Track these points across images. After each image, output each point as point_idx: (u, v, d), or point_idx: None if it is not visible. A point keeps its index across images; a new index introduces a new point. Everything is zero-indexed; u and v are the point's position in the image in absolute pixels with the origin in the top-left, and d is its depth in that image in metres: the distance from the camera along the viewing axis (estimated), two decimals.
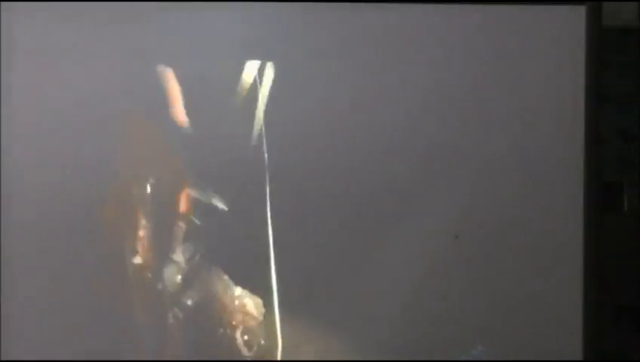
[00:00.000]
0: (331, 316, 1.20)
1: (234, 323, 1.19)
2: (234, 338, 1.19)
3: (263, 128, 1.19)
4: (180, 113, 1.18)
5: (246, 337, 1.19)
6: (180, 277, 1.19)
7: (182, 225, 1.19)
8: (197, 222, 1.19)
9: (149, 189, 1.18)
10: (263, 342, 1.19)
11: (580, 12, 1.22)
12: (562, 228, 1.21)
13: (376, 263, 1.20)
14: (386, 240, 1.20)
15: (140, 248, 1.18)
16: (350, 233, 1.20)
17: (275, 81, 1.19)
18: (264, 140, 1.19)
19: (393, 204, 1.20)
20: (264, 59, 1.19)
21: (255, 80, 1.19)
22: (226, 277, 1.19)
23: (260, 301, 1.19)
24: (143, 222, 1.18)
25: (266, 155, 1.19)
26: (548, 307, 1.22)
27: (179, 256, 1.19)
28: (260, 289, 1.19)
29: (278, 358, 1.19)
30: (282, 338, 1.19)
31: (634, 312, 1.44)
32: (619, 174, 1.50)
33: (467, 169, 1.21)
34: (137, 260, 1.18)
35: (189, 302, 1.19)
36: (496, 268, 1.21)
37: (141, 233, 1.18)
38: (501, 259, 1.21)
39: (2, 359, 1.17)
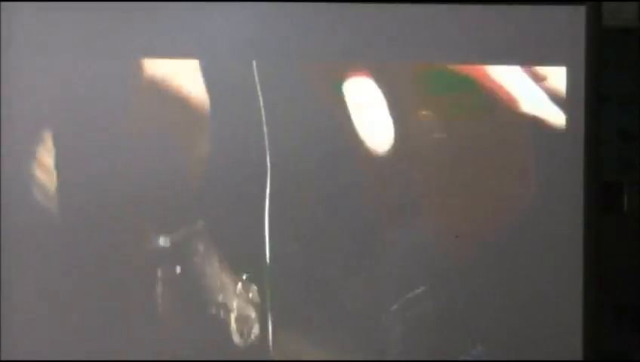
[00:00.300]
0: (330, 316, 1.20)
1: (231, 324, 1.19)
2: (230, 339, 1.19)
3: (265, 128, 1.19)
4: (179, 113, 1.18)
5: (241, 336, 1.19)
6: (178, 276, 1.19)
7: (181, 224, 1.19)
8: (195, 221, 1.19)
9: (148, 189, 1.18)
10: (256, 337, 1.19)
11: (579, 12, 1.22)
12: (562, 228, 1.21)
13: (375, 262, 1.20)
14: (385, 240, 1.20)
15: (139, 248, 1.18)
16: (349, 232, 1.20)
17: (274, 81, 1.19)
18: (265, 140, 1.19)
19: (393, 203, 1.20)
20: (264, 59, 1.19)
21: (256, 80, 1.19)
22: (223, 278, 1.19)
23: (257, 300, 1.19)
24: (143, 221, 1.18)
25: (268, 154, 1.19)
26: (548, 307, 1.21)
27: (178, 256, 1.19)
28: (257, 288, 1.19)
29: (271, 352, 1.19)
30: (278, 337, 1.19)
31: (634, 312, 1.44)
32: (619, 174, 1.50)
33: (466, 168, 1.21)
34: (137, 260, 1.18)
35: (188, 302, 1.19)
36: (495, 267, 1.21)
37: (141, 233, 1.18)
38: (501, 259, 1.21)
39: (2, 359, 1.17)
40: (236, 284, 1.19)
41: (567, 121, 1.21)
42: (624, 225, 1.44)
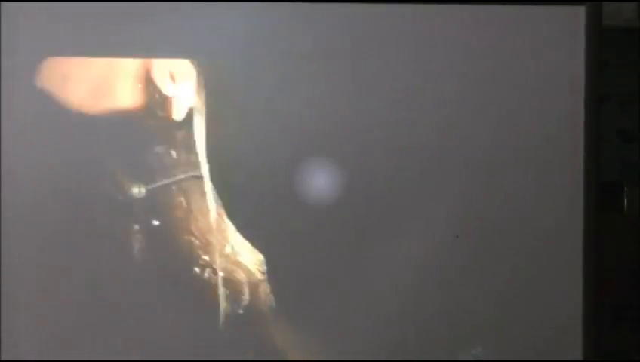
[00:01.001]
0: (330, 316, 1.20)
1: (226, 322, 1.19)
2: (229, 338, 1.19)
3: (261, 128, 1.19)
4: (177, 112, 1.18)
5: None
6: (176, 274, 1.19)
7: (177, 223, 1.19)
8: (192, 220, 1.19)
9: (149, 189, 1.18)
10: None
11: (579, 12, 1.22)
12: (562, 228, 1.21)
13: (375, 262, 1.20)
14: (385, 240, 1.20)
15: (141, 248, 1.18)
16: (349, 232, 1.20)
17: (272, 81, 1.19)
18: (262, 140, 1.19)
19: (393, 203, 1.20)
20: (262, 59, 1.19)
21: (252, 79, 1.19)
22: (218, 277, 1.19)
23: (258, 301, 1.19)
24: (140, 220, 1.19)
25: (264, 154, 1.19)
26: (548, 307, 1.21)
27: (173, 254, 1.19)
28: (253, 287, 1.19)
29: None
30: (276, 337, 1.19)
31: (634, 312, 1.44)
32: (619, 174, 1.51)
33: (467, 169, 1.21)
34: (136, 259, 1.18)
35: (188, 305, 1.19)
36: (495, 267, 1.21)
37: (139, 231, 1.18)
38: (501, 259, 1.21)
39: (2, 359, 1.17)
40: (229, 284, 1.19)
41: (567, 121, 1.21)
42: (624, 225, 1.44)
